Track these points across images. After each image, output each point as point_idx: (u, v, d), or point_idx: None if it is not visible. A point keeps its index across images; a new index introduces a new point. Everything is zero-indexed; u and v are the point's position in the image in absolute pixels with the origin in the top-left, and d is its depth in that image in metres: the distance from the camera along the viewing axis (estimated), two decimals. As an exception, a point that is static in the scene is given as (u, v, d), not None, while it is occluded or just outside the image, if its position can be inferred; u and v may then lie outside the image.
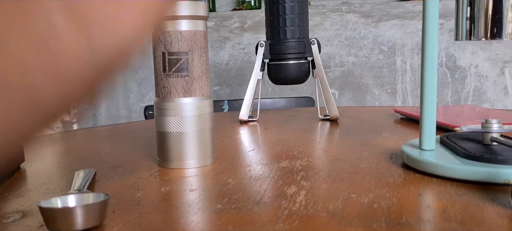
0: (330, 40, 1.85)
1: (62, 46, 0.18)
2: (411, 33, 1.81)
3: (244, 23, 1.89)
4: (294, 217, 0.35)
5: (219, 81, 1.93)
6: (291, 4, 0.81)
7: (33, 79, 0.18)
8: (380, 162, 0.51)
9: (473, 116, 0.78)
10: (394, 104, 1.83)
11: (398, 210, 0.36)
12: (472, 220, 0.33)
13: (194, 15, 0.50)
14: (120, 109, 2.02)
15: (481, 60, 1.78)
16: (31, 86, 0.18)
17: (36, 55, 0.17)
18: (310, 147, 0.61)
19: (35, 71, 0.17)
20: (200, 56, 0.51)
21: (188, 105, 0.51)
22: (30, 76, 0.17)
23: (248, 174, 0.49)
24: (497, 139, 0.47)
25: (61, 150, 0.70)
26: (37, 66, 0.17)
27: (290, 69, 0.82)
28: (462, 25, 0.47)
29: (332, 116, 0.84)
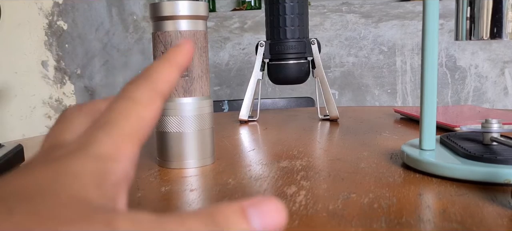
0: (330, 41, 1.85)
1: None
2: (411, 33, 1.81)
3: (244, 23, 1.89)
4: (294, 217, 0.35)
5: (219, 82, 1.93)
6: (291, 4, 0.81)
7: None
8: (380, 162, 0.51)
9: (473, 116, 0.78)
10: (394, 105, 1.83)
11: (398, 210, 0.36)
12: (472, 220, 0.33)
13: (194, 15, 0.50)
14: (120, 109, 2.02)
15: (481, 60, 1.78)
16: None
17: None
18: (310, 147, 0.61)
19: None
20: (200, 56, 0.51)
21: (188, 105, 0.51)
22: None
23: (248, 174, 0.49)
24: (497, 139, 0.47)
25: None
26: None
27: (290, 69, 0.82)
28: (462, 25, 0.47)
29: (332, 116, 0.84)
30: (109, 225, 0.17)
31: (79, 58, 2.01)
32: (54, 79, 2.03)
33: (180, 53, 0.26)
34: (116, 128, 0.22)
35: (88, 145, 0.21)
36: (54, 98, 2.04)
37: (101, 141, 0.21)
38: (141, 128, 0.23)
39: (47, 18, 2.00)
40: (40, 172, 0.20)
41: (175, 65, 0.25)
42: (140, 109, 0.23)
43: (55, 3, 2.00)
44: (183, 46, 0.26)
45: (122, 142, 0.21)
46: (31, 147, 0.69)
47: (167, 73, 0.25)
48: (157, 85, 0.24)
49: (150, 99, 0.23)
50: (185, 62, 0.26)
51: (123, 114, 0.22)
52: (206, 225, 0.19)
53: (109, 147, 0.21)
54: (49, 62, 2.02)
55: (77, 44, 2.00)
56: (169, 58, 0.26)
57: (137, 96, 0.23)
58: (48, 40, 2.01)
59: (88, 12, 1.99)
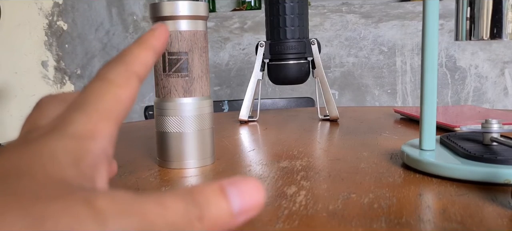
0: (330, 41, 1.85)
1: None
2: (411, 33, 1.81)
3: (244, 23, 1.89)
4: (294, 217, 0.35)
5: (219, 82, 1.93)
6: (291, 4, 0.81)
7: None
8: (380, 162, 0.51)
9: (473, 116, 0.78)
10: (394, 105, 1.83)
11: (398, 210, 0.36)
12: (472, 220, 0.33)
13: (194, 15, 0.50)
14: (120, 109, 2.02)
15: (481, 60, 1.78)
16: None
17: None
18: (310, 147, 0.61)
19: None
20: (200, 56, 0.51)
21: (188, 105, 0.51)
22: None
23: (248, 174, 0.49)
24: (497, 139, 0.47)
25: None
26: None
27: (290, 70, 0.82)
28: (462, 26, 0.47)
29: (332, 116, 0.84)
30: (87, 202, 0.17)
31: (79, 58, 2.01)
32: (54, 80, 2.03)
33: (154, 36, 0.26)
34: (92, 107, 0.22)
35: (63, 125, 0.21)
36: (54, 99, 2.04)
37: (77, 120, 0.21)
38: (117, 108, 0.22)
39: (47, 18, 2.00)
40: (16, 154, 0.20)
41: (150, 48, 0.26)
42: (116, 90, 0.23)
43: (55, 3, 2.00)
44: (158, 30, 0.26)
45: (98, 120, 0.21)
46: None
47: (142, 56, 0.25)
48: (132, 67, 0.24)
49: (125, 80, 0.23)
50: (160, 45, 0.26)
51: (98, 95, 0.22)
52: (186, 204, 0.19)
53: (85, 126, 0.21)
54: (49, 62, 2.02)
55: (77, 44, 2.00)
56: (144, 41, 0.26)
57: (113, 77, 0.23)
58: (48, 40, 2.01)
59: (88, 12, 1.99)
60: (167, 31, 0.27)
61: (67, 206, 0.17)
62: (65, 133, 0.20)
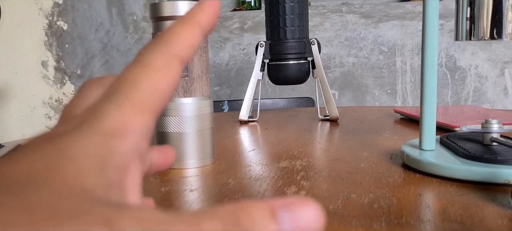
0: (330, 41, 1.85)
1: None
2: (411, 33, 1.81)
3: (244, 23, 1.90)
4: (294, 217, 0.35)
5: (219, 82, 1.93)
6: (291, 4, 0.81)
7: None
8: (380, 162, 0.51)
9: (473, 116, 0.78)
10: (394, 105, 1.83)
11: (398, 210, 0.36)
12: (472, 220, 0.33)
13: (194, 15, 0.50)
14: (120, 109, 2.02)
15: (481, 60, 1.78)
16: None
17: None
18: (310, 147, 0.61)
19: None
20: (200, 56, 0.51)
21: (188, 105, 0.51)
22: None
23: (248, 174, 0.49)
24: (497, 139, 0.47)
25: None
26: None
27: (290, 70, 0.82)
28: (462, 26, 0.47)
29: (332, 116, 0.84)
30: (109, 224, 0.14)
31: (79, 58, 2.01)
32: (54, 80, 2.03)
33: (201, 11, 0.22)
34: (125, 98, 0.19)
35: (92, 118, 0.19)
36: (54, 99, 2.04)
37: (108, 114, 0.19)
38: (155, 96, 0.20)
39: (47, 18, 2.00)
40: (36, 155, 0.17)
41: (196, 26, 0.22)
42: (154, 76, 0.20)
43: (55, 3, 2.00)
44: (206, 3, 0.22)
45: (131, 113, 0.19)
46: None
47: (186, 35, 0.22)
48: (173, 48, 0.21)
49: (165, 64, 0.20)
50: (208, 22, 0.22)
51: (133, 82, 0.20)
52: (226, 227, 0.16)
53: (116, 120, 0.18)
54: (49, 62, 2.02)
55: (77, 44, 2.00)
56: (189, 18, 0.22)
57: (151, 61, 0.20)
58: (48, 40, 2.01)
59: (88, 12, 1.99)
60: (217, 5, 0.23)
61: (84, 229, 0.14)
62: (93, 128, 0.18)
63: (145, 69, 0.20)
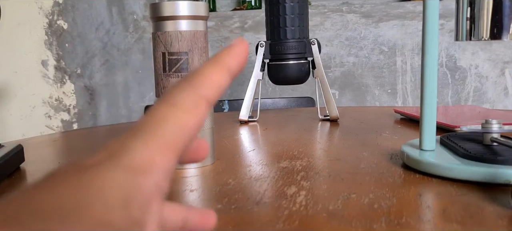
0: (331, 41, 1.85)
1: None
2: (412, 33, 1.81)
3: (244, 23, 1.89)
4: (294, 217, 0.35)
5: (219, 81, 1.93)
6: (291, 4, 0.81)
7: None
8: (380, 162, 0.51)
9: (473, 116, 0.78)
10: (394, 105, 1.83)
11: (398, 210, 0.36)
12: (472, 220, 0.33)
13: (194, 15, 0.50)
14: (120, 109, 2.03)
15: (481, 60, 1.78)
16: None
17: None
18: (310, 147, 0.61)
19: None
20: (200, 56, 0.51)
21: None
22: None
23: (248, 174, 0.49)
24: (497, 139, 0.47)
25: (61, 150, 0.70)
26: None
27: (290, 69, 0.82)
28: (462, 26, 0.47)
29: (332, 116, 0.84)
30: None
31: (79, 57, 2.01)
32: (54, 79, 2.03)
33: (230, 55, 0.23)
34: (152, 136, 0.20)
35: (120, 153, 0.19)
36: (54, 98, 2.04)
37: (134, 150, 0.19)
38: (180, 135, 0.20)
39: (47, 18, 2.00)
40: (65, 186, 0.18)
41: (225, 68, 0.23)
42: (181, 115, 0.21)
43: (55, 2, 2.00)
44: (236, 47, 0.24)
45: (157, 151, 0.20)
46: (31, 147, 0.69)
47: (214, 76, 0.22)
48: (201, 89, 0.22)
49: (192, 104, 0.21)
50: (237, 65, 0.23)
51: (160, 120, 0.20)
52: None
53: (141, 157, 0.19)
54: (49, 61, 2.02)
55: (77, 43, 2.00)
56: (218, 60, 0.23)
57: (178, 101, 0.21)
58: (48, 40, 2.01)
59: (88, 11, 1.99)
60: (246, 49, 0.24)
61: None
62: (119, 163, 0.19)
63: (172, 109, 0.21)
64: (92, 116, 2.05)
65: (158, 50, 0.51)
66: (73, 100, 2.04)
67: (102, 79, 2.01)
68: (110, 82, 2.01)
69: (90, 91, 2.03)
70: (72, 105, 2.05)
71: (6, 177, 0.51)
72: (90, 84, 2.02)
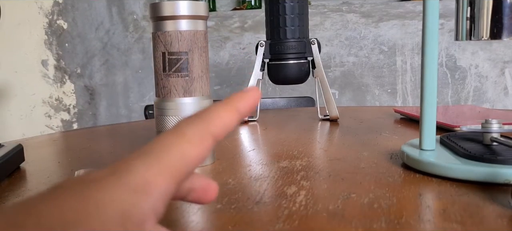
0: (330, 40, 1.85)
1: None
2: (412, 33, 1.81)
3: (244, 22, 1.89)
4: (294, 217, 0.35)
5: (219, 81, 1.93)
6: (291, 4, 0.80)
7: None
8: (380, 162, 0.51)
9: (473, 116, 0.78)
10: (394, 104, 1.83)
11: (398, 210, 0.36)
12: (472, 220, 0.33)
13: (194, 15, 0.50)
14: (120, 109, 2.03)
15: (481, 60, 1.78)
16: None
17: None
18: (310, 147, 0.61)
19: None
20: (200, 56, 0.51)
21: (188, 105, 0.51)
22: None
23: (248, 174, 0.49)
24: (497, 139, 0.47)
25: (61, 150, 0.70)
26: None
27: (290, 69, 0.82)
28: (462, 25, 0.47)
29: (332, 116, 0.84)
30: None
31: (79, 57, 2.01)
32: (54, 79, 2.03)
33: (242, 99, 0.25)
34: (154, 159, 0.21)
35: (122, 172, 0.20)
36: (54, 98, 2.04)
37: (136, 170, 0.20)
38: (182, 165, 0.22)
39: (47, 17, 2.00)
40: (68, 197, 0.19)
41: (235, 110, 0.24)
42: (186, 146, 0.22)
43: (55, 2, 2.00)
44: (247, 93, 0.25)
45: (157, 174, 0.21)
46: (31, 147, 0.69)
47: (224, 116, 0.24)
48: (210, 126, 0.23)
49: (199, 138, 0.22)
50: (247, 109, 0.25)
51: (166, 146, 0.22)
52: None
53: (142, 178, 0.20)
54: (49, 61, 2.02)
55: (77, 43, 2.00)
56: (230, 102, 0.25)
57: (187, 133, 0.22)
58: (48, 39, 2.01)
59: (88, 11, 1.99)
60: (258, 96, 0.26)
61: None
62: (121, 181, 0.20)
63: (179, 139, 0.22)
64: (92, 116, 2.05)
65: (158, 50, 0.51)
66: (73, 100, 2.04)
67: (102, 79, 2.01)
68: (110, 82, 2.01)
69: (90, 91, 2.03)
70: (72, 105, 2.05)
71: (6, 176, 0.51)
72: (90, 84, 2.02)
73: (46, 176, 0.52)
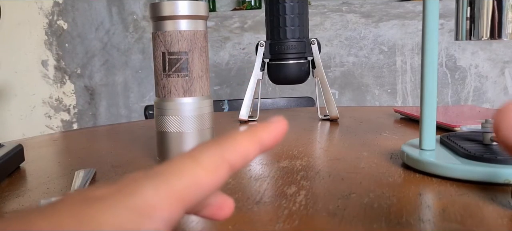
0: (330, 40, 1.85)
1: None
2: (411, 33, 1.81)
3: (244, 23, 1.89)
4: (294, 217, 0.35)
5: (219, 81, 1.93)
6: (291, 4, 0.80)
7: None
8: (380, 162, 0.51)
9: (473, 115, 0.78)
10: (394, 104, 1.83)
11: (398, 210, 0.36)
12: (472, 220, 0.33)
13: (194, 15, 0.50)
14: (120, 109, 2.03)
15: (481, 60, 1.78)
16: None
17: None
18: (310, 147, 0.61)
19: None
20: (200, 56, 0.51)
21: (188, 105, 0.51)
22: None
23: (248, 174, 0.49)
24: (497, 139, 0.47)
25: (61, 150, 0.70)
26: None
27: (290, 69, 0.82)
28: (462, 25, 0.47)
29: (332, 116, 0.84)
30: None
31: (79, 57, 2.01)
32: (54, 79, 2.03)
33: (267, 131, 0.24)
34: (164, 183, 0.20)
35: (127, 192, 0.19)
36: (54, 98, 2.04)
37: (143, 191, 0.19)
38: (193, 191, 0.20)
39: (47, 18, 2.00)
40: (67, 216, 0.18)
41: (257, 142, 0.23)
42: (199, 172, 0.21)
43: (55, 2, 2.00)
44: (274, 124, 0.24)
45: (164, 198, 0.20)
46: (31, 147, 0.69)
47: (244, 146, 0.23)
48: (227, 153, 0.22)
49: (214, 165, 0.21)
50: (271, 141, 0.24)
51: (178, 172, 0.20)
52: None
53: (148, 201, 0.19)
54: (49, 61, 2.02)
55: (77, 43, 2.00)
56: (253, 132, 0.23)
57: (202, 159, 0.21)
58: (48, 40, 2.01)
59: (88, 11, 1.99)
60: (284, 128, 0.24)
61: None
62: (126, 201, 0.19)
63: (193, 164, 0.21)
64: (92, 116, 2.05)
65: (158, 50, 0.51)
66: (73, 100, 2.04)
67: (102, 79, 2.01)
68: (110, 82, 2.01)
69: (90, 91, 2.03)
70: (72, 106, 2.05)
71: (6, 176, 0.51)
72: (90, 84, 2.02)
73: (46, 176, 0.52)
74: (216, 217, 0.26)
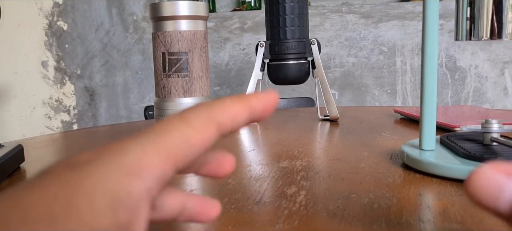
0: (330, 41, 1.85)
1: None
2: (411, 33, 1.81)
3: (244, 23, 1.90)
4: (294, 217, 0.35)
5: (219, 82, 1.93)
6: (291, 4, 0.81)
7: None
8: (380, 162, 0.51)
9: (473, 116, 0.78)
10: (394, 105, 1.83)
11: (398, 210, 0.36)
12: (472, 220, 0.33)
13: (194, 15, 0.50)
14: (120, 109, 2.03)
15: (481, 60, 1.78)
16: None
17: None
18: (310, 147, 0.61)
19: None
20: (200, 56, 0.51)
21: (188, 105, 0.51)
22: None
23: (248, 174, 0.49)
24: (497, 139, 0.47)
25: (61, 150, 0.70)
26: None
27: (290, 70, 0.82)
28: (462, 26, 0.47)
29: (332, 116, 0.84)
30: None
31: (79, 58, 2.01)
32: (54, 80, 2.03)
33: (257, 98, 0.24)
34: (151, 141, 0.20)
35: (114, 152, 0.19)
36: (54, 99, 2.04)
37: (130, 151, 0.19)
38: (182, 148, 0.20)
39: (47, 19, 2.00)
40: (55, 185, 0.18)
41: (247, 106, 0.23)
42: (188, 131, 0.21)
43: (55, 3, 2.00)
44: (266, 94, 0.24)
45: (153, 155, 0.19)
46: (31, 147, 0.69)
47: (233, 109, 0.22)
48: (215, 114, 0.22)
49: (203, 125, 0.21)
50: (260, 107, 0.24)
51: (166, 130, 0.20)
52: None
53: (135, 159, 0.19)
54: (49, 62, 2.02)
55: (77, 44, 2.00)
56: (243, 97, 0.23)
57: (190, 119, 0.21)
58: (48, 41, 2.01)
59: (88, 12, 1.99)
60: (275, 100, 0.24)
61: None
62: (112, 162, 0.19)
63: (182, 124, 0.21)
64: (92, 117, 2.05)
65: (158, 50, 0.51)
66: (73, 101, 2.04)
67: (102, 80, 2.01)
68: (110, 83, 2.01)
69: (90, 92, 2.03)
70: (72, 106, 2.05)
71: (6, 176, 0.51)
72: (90, 85, 2.02)
73: (46, 177, 0.51)
74: (216, 175, 0.26)
